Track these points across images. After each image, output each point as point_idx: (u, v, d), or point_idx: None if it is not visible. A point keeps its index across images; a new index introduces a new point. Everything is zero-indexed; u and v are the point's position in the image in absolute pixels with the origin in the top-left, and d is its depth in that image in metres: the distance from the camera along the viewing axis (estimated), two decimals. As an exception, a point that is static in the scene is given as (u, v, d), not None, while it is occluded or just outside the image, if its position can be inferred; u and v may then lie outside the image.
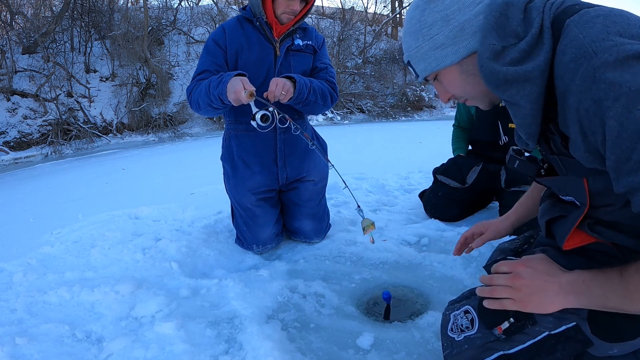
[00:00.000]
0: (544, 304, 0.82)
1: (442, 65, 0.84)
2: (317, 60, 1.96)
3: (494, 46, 0.75)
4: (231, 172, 1.95)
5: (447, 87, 0.89)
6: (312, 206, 2.03)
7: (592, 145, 0.70)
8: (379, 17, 19.60)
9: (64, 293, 1.65)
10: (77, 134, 10.89)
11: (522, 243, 1.19)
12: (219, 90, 1.62)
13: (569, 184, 0.85)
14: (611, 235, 0.82)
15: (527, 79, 0.72)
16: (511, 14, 0.75)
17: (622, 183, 0.67)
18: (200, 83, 1.75)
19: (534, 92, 0.73)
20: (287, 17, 1.79)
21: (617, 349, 0.84)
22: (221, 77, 1.64)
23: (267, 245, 2.00)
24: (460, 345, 0.95)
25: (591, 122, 0.67)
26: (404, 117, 15.50)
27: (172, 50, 14.69)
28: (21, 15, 12.58)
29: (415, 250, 1.92)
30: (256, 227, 1.95)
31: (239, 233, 2.03)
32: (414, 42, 0.86)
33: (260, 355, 1.21)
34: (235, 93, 1.55)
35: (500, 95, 0.78)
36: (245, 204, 1.94)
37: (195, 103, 1.77)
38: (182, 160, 6.37)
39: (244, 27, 1.84)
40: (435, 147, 3.70)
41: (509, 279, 0.87)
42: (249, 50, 1.82)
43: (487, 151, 2.40)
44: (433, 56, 0.84)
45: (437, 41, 0.82)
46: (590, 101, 0.66)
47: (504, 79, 0.74)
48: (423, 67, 0.87)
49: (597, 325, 0.83)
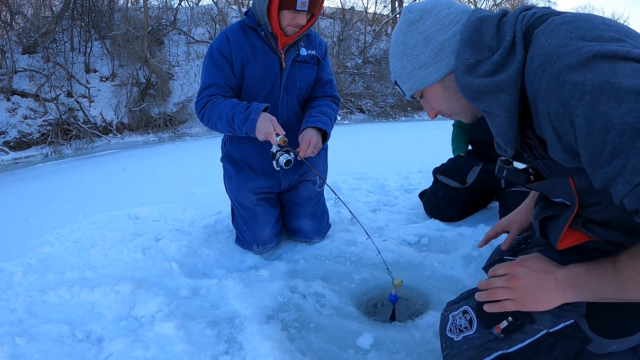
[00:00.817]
0: (542, 301, 0.84)
1: (425, 84, 0.89)
2: (321, 71, 1.97)
3: (467, 60, 0.79)
4: (234, 172, 1.95)
5: (432, 104, 0.94)
6: (311, 205, 2.04)
7: (568, 145, 0.73)
8: (379, 17, 19.61)
9: (64, 293, 1.65)
10: (77, 134, 10.90)
11: (519, 243, 1.19)
12: (246, 126, 1.64)
13: (556, 185, 0.88)
14: (604, 233, 0.84)
15: (500, 88, 0.75)
16: (485, 29, 0.79)
17: (599, 177, 0.69)
18: (216, 105, 1.73)
19: (507, 100, 0.76)
20: (292, 29, 1.75)
21: (615, 345, 0.84)
22: (248, 113, 1.64)
23: (267, 245, 2.00)
24: (459, 346, 0.95)
25: (562, 123, 0.70)
26: (404, 117, 15.51)
27: (172, 50, 14.69)
28: (21, 15, 12.58)
29: (415, 250, 1.92)
30: (256, 227, 1.95)
31: (238, 233, 2.03)
32: (399, 63, 0.91)
33: (260, 355, 1.21)
34: (266, 135, 1.62)
35: (477, 106, 0.82)
36: (246, 203, 1.94)
37: (210, 123, 1.77)
38: (182, 160, 6.37)
39: (248, 35, 1.80)
40: (435, 147, 3.69)
41: (506, 280, 0.88)
42: (254, 61, 1.80)
43: (487, 151, 2.40)
44: (417, 75, 0.89)
45: (420, 61, 0.87)
46: (557, 103, 0.69)
47: (478, 90, 0.78)
48: (409, 87, 0.92)
49: (595, 322, 0.83)
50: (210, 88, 1.78)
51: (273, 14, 1.70)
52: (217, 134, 7.76)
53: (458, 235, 2.05)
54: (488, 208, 2.50)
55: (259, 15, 1.75)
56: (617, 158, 0.65)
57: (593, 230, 0.85)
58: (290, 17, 1.70)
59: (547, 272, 0.85)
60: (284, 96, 1.87)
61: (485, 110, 0.81)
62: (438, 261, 1.78)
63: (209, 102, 1.76)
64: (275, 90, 1.84)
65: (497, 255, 1.21)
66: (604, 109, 0.64)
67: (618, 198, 0.68)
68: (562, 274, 0.83)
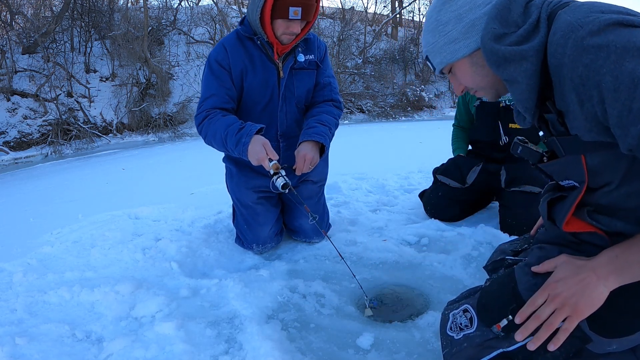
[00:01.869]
0: (593, 299, 0.80)
1: (455, 58, 0.94)
2: (320, 74, 1.94)
3: (495, 30, 0.84)
4: (235, 171, 1.95)
5: (459, 79, 0.99)
6: (311, 204, 2.01)
7: (590, 112, 0.75)
8: (379, 17, 19.61)
9: (64, 293, 1.65)
10: (77, 134, 10.90)
11: (521, 243, 1.19)
12: (238, 150, 1.60)
13: (568, 165, 0.88)
14: (609, 223, 0.83)
15: (524, 57, 0.80)
16: (513, 8, 0.84)
17: (630, 135, 0.69)
18: (212, 122, 1.70)
19: (530, 69, 0.80)
20: (287, 37, 1.73)
21: (615, 345, 0.84)
22: (240, 136, 1.60)
23: (267, 244, 2.00)
24: (460, 344, 0.96)
25: (585, 86, 0.73)
26: (404, 117, 15.50)
27: (172, 50, 14.69)
28: (21, 15, 12.58)
29: (415, 250, 1.92)
30: (257, 226, 1.95)
31: (239, 232, 2.03)
32: (432, 39, 0.96)
33: (260, 355, 1.21)
34: (259, 161, 1.58)
35: (501, 74, 0.86)
36: (247, 201, 1.94)
37: (207, 140, 1.75)
38: (182, 160, 6.37)
39: (245, 45, 1.78)
40: (435, 147, 3.69)
41: (552, 304, 0.83)
42: (253, 71, 1.79)
43: (487, 151, 2.40)
44: (447, 50, 0.94)
45: (451, 37, 0.92)
46: (582, 67, 0.72)
47: (503, 57, 0.82)
48: (439, 60, 0.97)
49: (595, 321, 0.83)
50: (209, 99, 1.76)
51: (266, 23, 1.68)
52: (217, 134, 7.49)
53: (458, 235, 2.05)
54: (488, 208, 2.50)
55: (253, 25, 1.73)
56: None
57: (598, 220, 0.84)
58: (284, 26, 1.67)
59: (581, 268, 0.82)
60: (282, 105, 1.86)
61: (508, 79, 0.85)
62: (438, 261, 1.78)
63: (207, 117, 1.72)
64: (274, 99, 1.84)
65: (498, 255, 1.21)
66: (629, 67, 0.67)
67: None
68: (597, 262, 0.81)
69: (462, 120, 2.60)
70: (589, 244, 0.89)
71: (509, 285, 0.94)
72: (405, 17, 20.10)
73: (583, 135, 0.80)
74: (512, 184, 2.16)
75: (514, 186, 2.15)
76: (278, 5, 1.62)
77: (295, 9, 1.62)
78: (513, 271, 0.97)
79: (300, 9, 1.63)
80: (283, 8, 1.62)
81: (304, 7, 1.63)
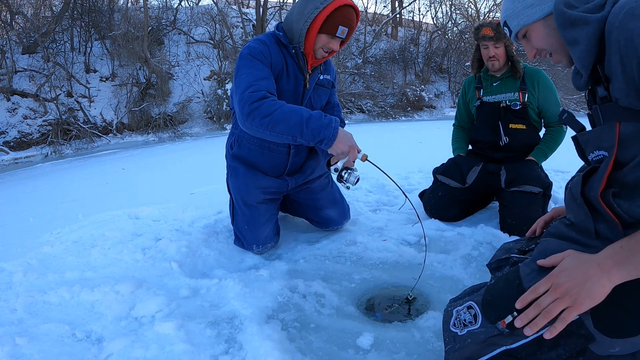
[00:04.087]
0: (595, 292, 0.81)
1: (531, 20, 1.05)
2: (332, 95, 2.08)
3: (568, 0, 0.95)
4: (243, 170, 1.94)
5: (533, 42, 1.08)
6: (328, 193, 2.14)
7: (629, 74, 0.83)
8: (379, 17, 19.62)
9: (64, 293, 1.65)
10: (77, 134, 10.91)
11: (528, 243, 1.19)
12: (325, 133, 1.56)
13: (603, 132, 0.93)
14: (628, 208, 0.85)
15: (587, 22, 0.90)
16: None
17: None
18: (280, 104, 1.60)
19: (590, 32, 0.89)
20: (322, 53, 1.79)
21: (619, 347, 0.84)
22: (329, 121, 1.58)
23: (267, 244, 2.00)
24: (464, 340, 0.96)
25: (628, 48, 0.81)
26: (404, 117, 15.50)
27: (172, 50, 14.70)
28: (21, 15, 12.58)
29: (415, 250, 1.92)
30: (258, 226, 1.96)
31: (239, 234, 2.02)
32: (511, 5, 1.09)
33: (260, 355, 1.21)
34: (350, 148, 1.60)
35: (566, 35, 0.95)
36: (251, 201, 1.94)
37: (267, 119, 1.58)
38: (182, 160, 6.37)
39: (282, 50, 1.81)
40: (435, 147, 3.70)
41: (553, 292, 0.85)
42: (287, 77, 1.82)
43: (487, 151, 2.40)
44: (524, 13, 1.06)
45: (528, 2, 1.05)
46: (628, 32, 0.81)
47: (570, 19, 0.93)
48: (517, 23, 1.08)
49: (599, 320, 0.83)
50: (263, 81, 1.66)
51: (311, 35, 1.73)
52: (217, 134, 7.71)
53: (458, 235, 2.06)
54: (488, 208, 2.50)
55: (294, 33, 1.76)
56: None
57: (620, 205, 0.86)
58: (326, 41, 1.74)
59: (586, 261, 0.83)
60: None
61: (571, 41, 0.94)
62: (438, 261, 1.79)
63: (268, 98, 1.61)
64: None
65: (503, 253, 1.21)
66: None
67: None
68: (602, 256, 0.82)
69: (462, 120, 2.60)
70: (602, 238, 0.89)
71: (514, 282, 0.95)
72: (405, 17, 20.16)
73: (621, 99, 0.87)
74: (512, 184, 2.16)
75: (514, 186, 2.15)
76: (329, 22, 1.69)
77: (344, 29, 1.72)
78: (518, 269, 0.97)
79: (347, 29, 1.73)
80: (333, 25, 1.70)
81: (350, 29, 1.74)
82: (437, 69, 18.07)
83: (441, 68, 18.04)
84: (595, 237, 0.92)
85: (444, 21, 18.92)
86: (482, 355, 0.94)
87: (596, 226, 0.91)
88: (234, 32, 15.80)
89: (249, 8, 18.27)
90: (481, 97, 2.41)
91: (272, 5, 17.08)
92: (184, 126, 12.73)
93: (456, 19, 18.57)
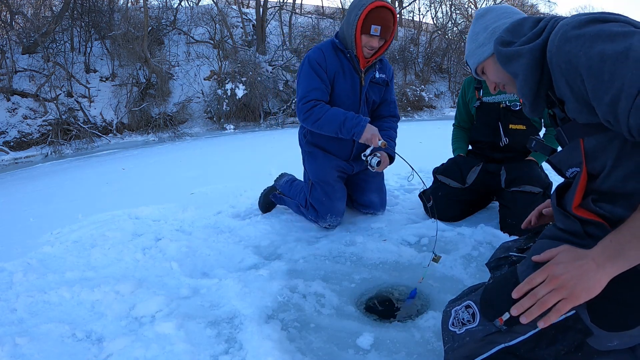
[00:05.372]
0: (590, 285, 0.82)
1: (482, 58, 1.19)
2: (388, 92, 2.39)
3: (503, 38, 1.03)
4: (321, 154, 2.31)
5: (490, 77, 1.20)
6: (378, 181, 2.44)
7: (577, 93, 0.86)
8: (379, 17, 19.55)
9: (64, 293, 1.65)
10: (77, 134, 10.90)
11: (526, 242, 1.20)
12: (357, 129, 2.04)
13: (571, 151, 0.98)
14: (611, 210, 0.88)
15: (520, 55, 0.95)
16: (525, 24, 1.02)
17: (604, 103, 0.79)
18: (326, 109, 2.09)
19: (525, 63, 0.94)
20: (367, 51, 2.11)
21: (616, 341, 0.84)
22: (359, 120, 2.05)
23: (338, 217, 2.26)
24: (462, 338, 0.96)
25: (569, 70, 0.85)
26: (404, 117, 15.49)
27: (172, 50, 14.69)
28: (21, 15, 12.58)
29: (415, 250, 1.92)
30: (335, 199, 2.25)
31: (315, 204, 2.25)
32: (468, 45, 1.24)
33: (260, 355, 1.21)
34: (373, 136, 2.02)
35: (507, 69, 1.02)
36: (329, 179, 2.26)
37: (318, 122, 2.10)
38: (182, 160, 6.37)
39: (338, 54, 2.18)
40: (435, 147, 3.70)
41: (549, 284, 0.85)
42: (344, 77, 2.19)
43: (487, 151, 2.40)
44: (477, 53, 1.20)
45: (479, 42, 1.20)
46: (565, 55, 0.85)
47: (506, 57, 0.99)
48: (473, 61, 1.22)
49: (596, 314, 0.84)
50: (314, 91, 2.13)
51: (357, 38, 2.07)
52: (217, 134, 7.77)
53: (458, 235, 2.06)
54: (488, 208, 2.50)
55: (347, 39, 2.12)
56: (615, 80, 0.76)
57: (602, 207, 0.89)
58: (366, 40, 2.07)
59: (581, 255, 0.85)
60: (362, 107, 2.28)
61: (512, 73, 1.00)
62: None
63: (317, 105, 2.10)
64: (355, 102, 2.25)
65: (502, 252, 1.21)
66: (599, 48, 0.79)
67: (624, 120, 0.75)
68: (596, 251, 0.84)
69: (462, 120, 2.60)
70: (593, 237, 0.90)
71: (512, 279, 0.96)
72: (405, 17, 20.12)
73: (578, 117, 0.91)
74: (512, 184, 2.16)
75: (514, 186, 2.15)
76: (365, 23, 2.03)
77: (376, 27, 2.04)
78: (516, 268, 0.99)
79: (380, 27, 2.04)
80: (367, 25, 2.04)
81: (383, 26, 2.04)
82: (437, 69, 18.08)
83: (441, 68, 18.04)
84: (587, 237, 0.93)
85: (444, 21, 18.95)
86: (481, 353, 0.94)
87: (585, 228, 0.93)
88: (234, 32, 15.81)
89: (249, 8, 18.27)
90: (481, 97, 2.41)
91: (272, 5, 17.08)
92: (184, 126, 12.73)
93: (456, 19, 18.58)
